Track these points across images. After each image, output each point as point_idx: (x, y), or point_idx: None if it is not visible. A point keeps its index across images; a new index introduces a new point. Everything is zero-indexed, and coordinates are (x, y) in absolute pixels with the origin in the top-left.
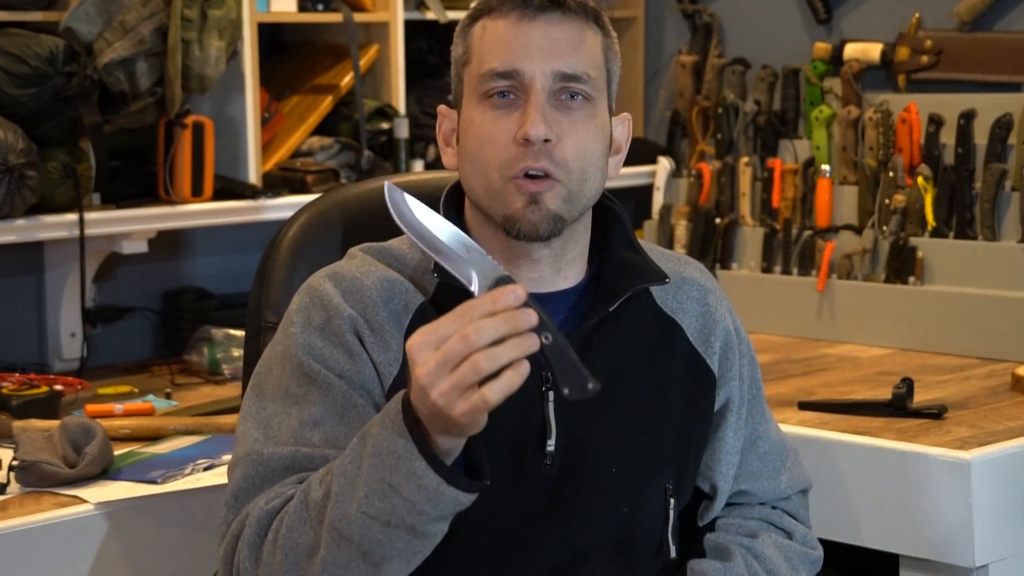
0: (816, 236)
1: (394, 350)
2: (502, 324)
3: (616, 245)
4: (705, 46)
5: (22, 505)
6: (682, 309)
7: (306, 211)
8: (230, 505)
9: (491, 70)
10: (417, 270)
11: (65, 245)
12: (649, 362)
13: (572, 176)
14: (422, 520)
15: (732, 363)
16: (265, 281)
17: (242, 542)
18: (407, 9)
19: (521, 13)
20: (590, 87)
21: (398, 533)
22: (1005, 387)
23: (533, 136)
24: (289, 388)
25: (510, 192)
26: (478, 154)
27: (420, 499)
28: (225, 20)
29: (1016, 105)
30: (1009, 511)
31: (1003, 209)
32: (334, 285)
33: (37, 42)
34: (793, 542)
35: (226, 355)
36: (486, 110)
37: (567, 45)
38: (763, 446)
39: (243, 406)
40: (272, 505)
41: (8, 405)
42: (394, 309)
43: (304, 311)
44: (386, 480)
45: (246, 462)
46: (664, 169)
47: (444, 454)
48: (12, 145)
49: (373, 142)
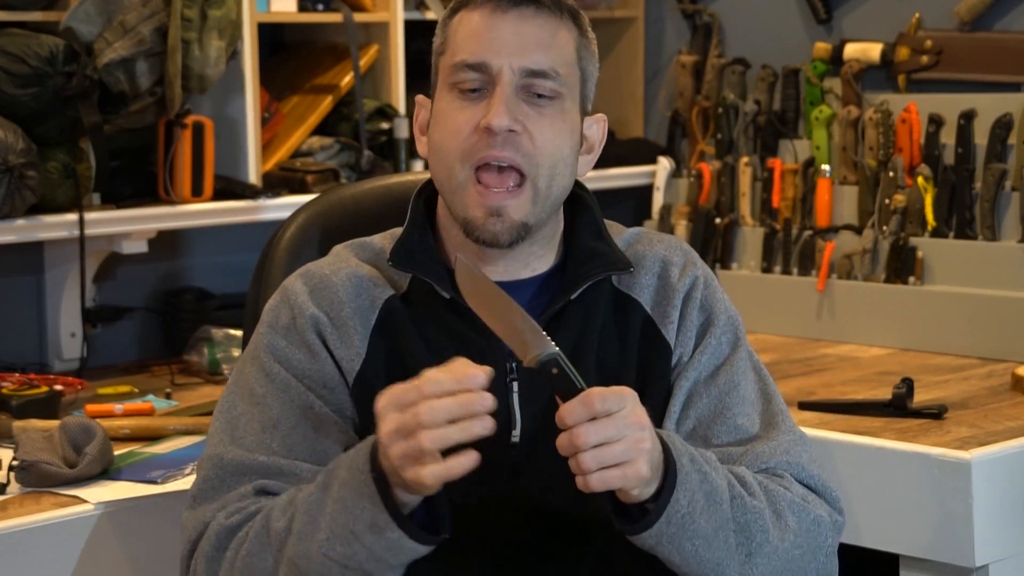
0: (816, 236)
1: (357, 345)
2: (456, 407)
3: (583, 235)
4: (705, 46)
5: (22, 505)
6: (638, 284)
7: (304, 211)
8: (190, 505)
9: (461, 61)
10: (381, 261)
11: (65, 245)
12: (605, 339)
13: (541, 171)
14: (380, 567)
15: (689, 331)
16: (263, 281)
17: (199, 553)
18: (407, 9)
19: (495, 6)
20: (558, 83)
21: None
22: (1005, 387)
23: (496, 126)
24: (254, 388)
25: (471, 195)
26: (442, 143)
27: (380, 548)
28: (225, 20)
29: (1016, 105)
30: (1009, 511)
31: (1003, 209)
32: (304, 283)
33: (37, 42)
34: (782, 488)
35: (226, 355)
36: (454, 99)
37: (537, 41)
38: (724, 386)
39: (219, 400)
40: (231, 521)
41: (8, 405)
42: (360, 305)
43: (274, 311)
44: (349, 527)
45: (208, 464)
46: (664, 169)
47: (403, 505)
48: (12, 145)
49: (373, 142)
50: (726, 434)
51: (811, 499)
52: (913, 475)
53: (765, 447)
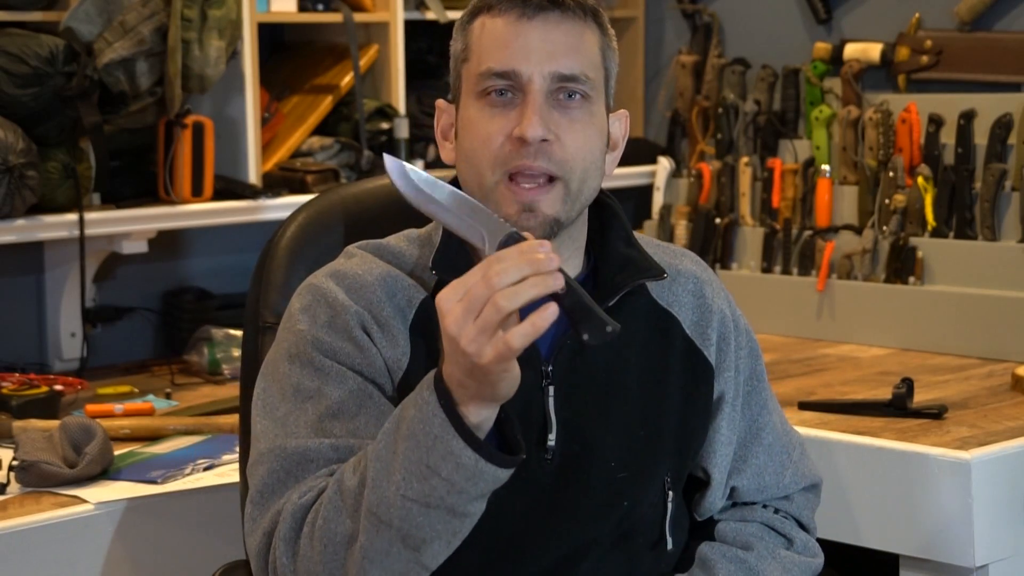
0: (816, 236)
1: (402, 345)
2: (524, 265)
3: (614, 241)
4: (705, 46)
5: (22, 505)
6: (678, 302)
7: (303, 211)
8: (256, 502)
9: (489, 69)
10: (416, 266)
11: (65, 245)
12: (646, 356)
13: (574, 175)
14: (461, 499)
15: (728, 353)
16: (263, 281)
17: (277, 538)
18: (407, 9)
19: (520, 12)
20: (588, 87)
21: (438, 514)
22: (1005, 387)
23: (530, 136)
24: (301, 384)
25: (502, 194)
26: (473, 152)
27: (459, 478)
28: (225, 20)
29: (1016, 105)
30: (1009, 511)
31: (1003, 209)
32: (336, 283)
33: (37, 42)
34: (792, 552)
35: (226, 355)
36: (483, 108)
37: (565, 46)
38: (767, 438)
39: (254, 406)
40: (305, 499)
41: (8, 405)
42: (398, 304)
43: (308, 310)
44: (424, 461)
45: (269, 457)
46: (664, 169)
47: (477, 429)
48: (12, 145)
49: (373, 142)
50: (763, 453)
51: (802, 544)
52: (913, 475)
53: (788, 477)
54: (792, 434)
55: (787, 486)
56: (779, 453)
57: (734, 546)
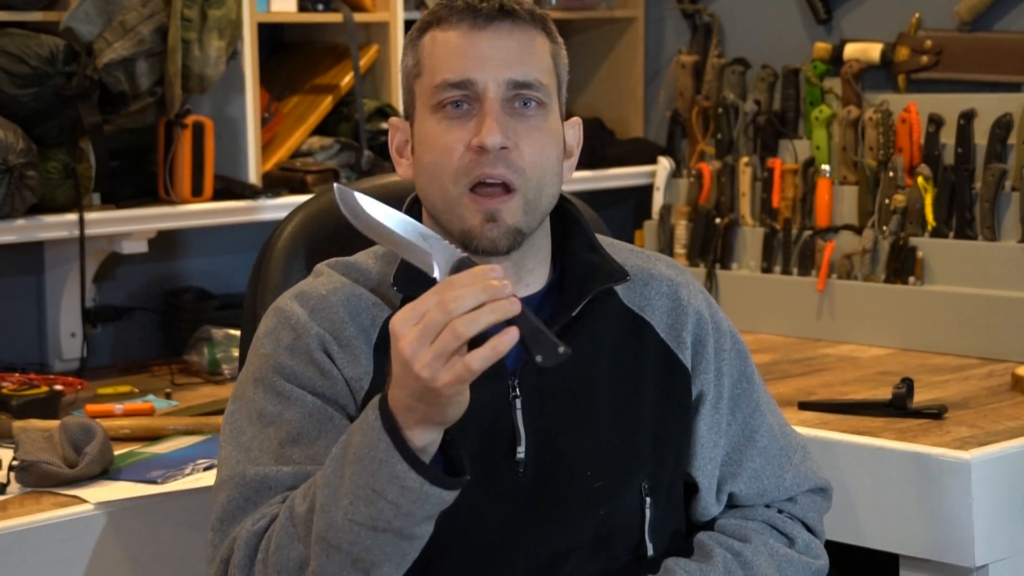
0: (816, 236)
1: (364, 364)
2: (480, 292)
3: (577, 248)
4: (705, 46)
5: (22, 505)
6: (651, 306)
7: (300, 211)
8: (216, 528)
9: (444, 80)
10: (381, 284)
11: (65, 245)
12: (618, 362)
13: (530, 184)
14: (408, 522)
15: (705, 355)
16: (260, 282)
17: (232, 566)
18: (407, 9)
19: (471, 23)
20: (543, 93)
21: (386, 537)
22: (1005, 387)
23: (489, 144)
24: (264, 409)
25: (466, 206)
26: (434, 165)
27: (404, 501)
28: (225, 20)
29: (1016, 105)
30: (1009, 511)
31: (1003, 209)
32: (300, 305)
33: (37, 42)
34: (793, 550)
35: (226, 355)
36: (440, 120)
37: (518, 53)
38: (762, 440)
39: (222, 430)
40: (258, 526)
41: (8, 405)
42: (361, 324)
43: (272, 333)
44: (370, 485)
45: (229, 484)
46: (664, 169)
47: (422, 452)
48: (12, 145)
49: (373, 142)
50: (758, 456)
51: (803, 545)
52: (913, 475)
53: (788, 480)
54: (792, 436)
55: (788, 489)
56: (777, 456)
57: (732, 538)
